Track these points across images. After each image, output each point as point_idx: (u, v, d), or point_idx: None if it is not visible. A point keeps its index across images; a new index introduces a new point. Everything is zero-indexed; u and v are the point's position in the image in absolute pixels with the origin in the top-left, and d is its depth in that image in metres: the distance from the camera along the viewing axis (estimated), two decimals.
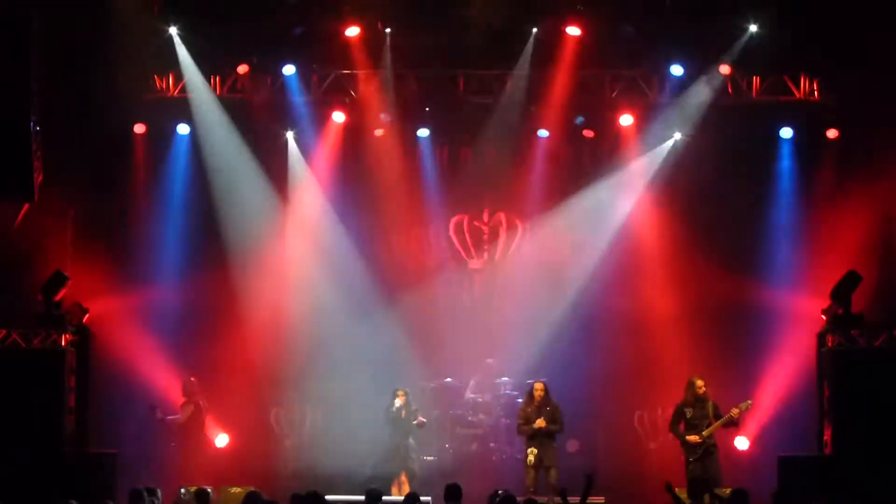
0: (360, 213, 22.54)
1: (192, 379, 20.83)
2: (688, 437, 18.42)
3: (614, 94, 22.14)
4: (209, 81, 21.91)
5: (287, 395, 22.17)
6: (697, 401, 18.48)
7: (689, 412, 18.53)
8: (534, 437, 18.90)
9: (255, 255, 22.15)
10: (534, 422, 18.89)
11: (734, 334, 21.69)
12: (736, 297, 21.65)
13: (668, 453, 20.29)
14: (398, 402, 19.39)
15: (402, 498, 16.98)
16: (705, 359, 20.78)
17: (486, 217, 23.27)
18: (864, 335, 18.40)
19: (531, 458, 18.77)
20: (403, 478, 19.04)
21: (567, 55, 21.65)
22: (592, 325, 22.12)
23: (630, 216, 22.54)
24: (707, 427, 18.35)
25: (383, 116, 22.39)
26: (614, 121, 22.38)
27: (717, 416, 18.40)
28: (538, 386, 19.08)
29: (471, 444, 21.94)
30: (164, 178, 22.24)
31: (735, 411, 18.32)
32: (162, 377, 21.51)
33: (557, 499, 15.09)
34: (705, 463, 18.29)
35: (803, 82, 21.72)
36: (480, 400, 22.21)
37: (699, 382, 18.52)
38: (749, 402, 18.62)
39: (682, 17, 21.14)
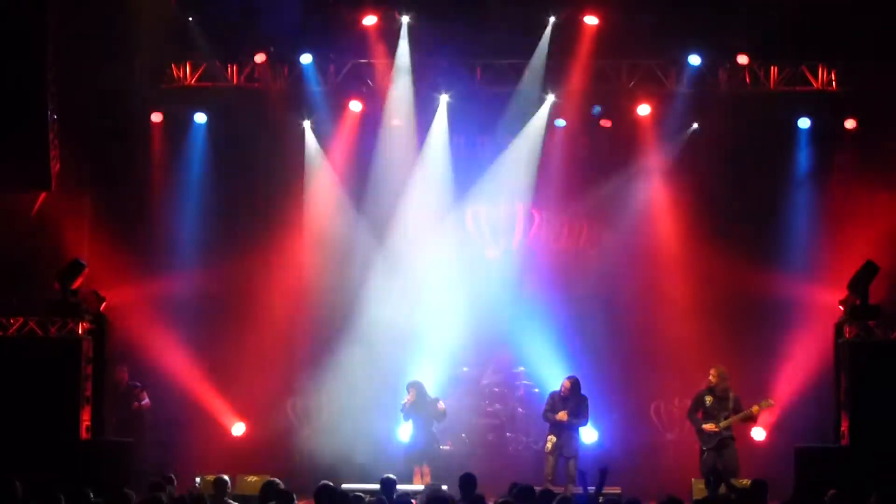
0: (376, 202, 22.48)
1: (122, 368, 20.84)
2: (704, 426, 18.39)
3: (632, 83, 22.05)
4: (226, 70, 21.93)
5: (304, 384, 22.15)
6: (717, 391, 18.43)
7: (708, 400, 18.50)
8: (556, 426, 18.91)
9: (272, 244, 22.17)
10: (558, 412, 18.88)
11: (751, 325, 21.62)
12: (753, 287, 21.56)
13: (685, 444, 20.30)
14: (407, 398, 19.34)
15: (419, 487, 17.00)
16: (722, 349, 20.71)
17: (502, 206, 23.23)
18: (882, 326, 18.34)
19: (549, 445, 18.84)
20: (426, 468, 19.01)
21: (585, 44, 21.62)
22: (608, 314, 22.06)
23: (647, 206, 22.50)
24: (725, 419, 18.30)
25: (399, 106, 22.35)
26: (632, 110, 22.32)
27: (738, 409, 18.36)
28: (566, 384, 19.05)
29: (487, 434, 21.97)
30: (181, 167, 22.24)
31: (755, 408, 18.30)
32: (178, 366, 21.58)
33: (578, 488, 15.08)
34: (720, 454, 18.25)
35: (821, 72, 21.61)
36: (496, 389, 22.25)
37: (712, 372, 18.51)
38: (771, 401, 18.63)
39: (700, 6, 21.10)
